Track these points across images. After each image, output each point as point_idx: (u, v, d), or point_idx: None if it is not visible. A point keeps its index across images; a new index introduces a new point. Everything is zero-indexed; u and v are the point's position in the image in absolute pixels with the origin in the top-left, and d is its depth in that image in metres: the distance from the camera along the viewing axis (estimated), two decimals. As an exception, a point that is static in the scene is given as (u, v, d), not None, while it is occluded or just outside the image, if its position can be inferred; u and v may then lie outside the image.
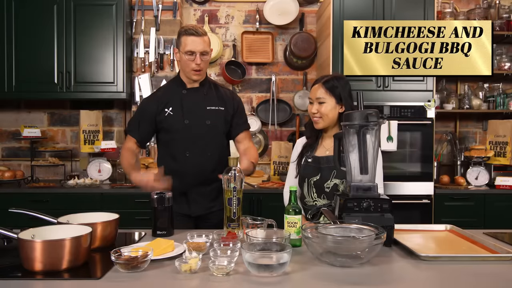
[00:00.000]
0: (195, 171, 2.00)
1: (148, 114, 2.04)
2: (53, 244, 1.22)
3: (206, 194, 2.05)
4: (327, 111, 1.90)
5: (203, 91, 2.06)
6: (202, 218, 2.07)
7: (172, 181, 1.84)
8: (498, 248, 1.41)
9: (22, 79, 3.33)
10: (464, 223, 1.95)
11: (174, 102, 2.03)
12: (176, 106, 2.02)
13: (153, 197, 1.66)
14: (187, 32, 1.95)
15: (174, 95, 2.04)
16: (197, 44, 1.93)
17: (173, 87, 2.09)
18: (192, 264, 1.21)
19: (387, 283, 1.18)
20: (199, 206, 2.05)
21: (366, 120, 1.51)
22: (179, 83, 2.07)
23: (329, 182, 1.88)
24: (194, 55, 1.94)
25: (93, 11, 3.34)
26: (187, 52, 1.94)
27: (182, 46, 1.96)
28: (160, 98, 2.05)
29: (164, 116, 2.01)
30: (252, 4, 3.78)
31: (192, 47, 1.93)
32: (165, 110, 2.01)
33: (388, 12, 3.16)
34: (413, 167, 3.23)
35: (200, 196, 2.04)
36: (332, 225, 1.42)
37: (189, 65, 1.96)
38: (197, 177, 2.01)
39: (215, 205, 2.06)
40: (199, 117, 2.02)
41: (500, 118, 3.56)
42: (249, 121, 3.66)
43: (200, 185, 2.03)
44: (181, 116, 2.01)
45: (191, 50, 1.93)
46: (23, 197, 3.16)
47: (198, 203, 2.04)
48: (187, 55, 1.94)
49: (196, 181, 2.02)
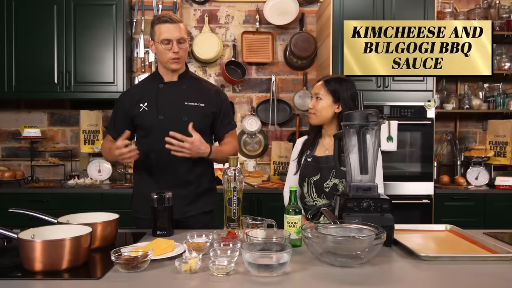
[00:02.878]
0: (170, 171, 1.89)
1: (122, 111, 1.96)
2: (53, 244, 1.21)
3: (181, 197, 1.87)
4: (321, 108, 1.91)
5: (182, 85, 1.95)
6: (179, 223, 1.83)
7: (140, 160, 1.85)
8: (498, 248, 1.41)
9: (22, 79, 3.33)
10: (464, 223, 1.95)
11: (150, 97, 1.92)
12: (151, 101, 1.91)
13: (153, 197, 1.65)
14: (161, 19, 1.85)
15: (150, 90, 1.94)
16: (172, 31, 1.83)
17: (149, 82, 2.00)
18: (192, 264, 1.21)
19: (387, 283, 1.18)
20: (175, 210, 1.75)
21: (366, 120, 1.51)
22: (157, 77, 1.97)
23: (328, 182, 1.88)
24: (171, 43, 1.84)
25: (93, 11, 3.34)
26: (163, 41, 1.84)
27: (157, 36, 1.86)
28: (134, 93, 1.97)
29: (139, 112, 1.91)
30: (252, 4, 3.78)
31: (168, 35, 1.83)
32: (140, 106, 1.91)
33: (388, 12, 3.16)
34: (413, 167, 3.23)
35: (175, 198, 1.74)
36: (332, 225, 1.42)
37: (167, 55, 1.86)
38: (172, 178, 1.89)
39: (192, 210, 1.93)
40: (175, 113, 1.90)
41: (500, 118, 3.56)
42: (249, 121, 3.74)
43: (175, 187, 1.83)
44: (156, 112, 1.90)
45: (167, 38, 1.83)
46: (23, 197, 3.16)
47: (174, 207, 1.74)
48: (163, 44, 1.84)
49: (171, 183, 1.88)
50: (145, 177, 1.96)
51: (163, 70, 1.96)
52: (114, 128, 1.99)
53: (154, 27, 1.88)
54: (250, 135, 3.79)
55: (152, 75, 2.04)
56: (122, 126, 1.93)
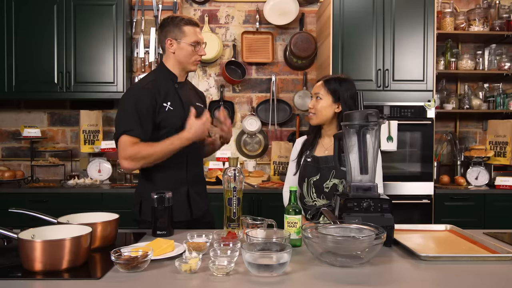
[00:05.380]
0: (195, 169, 1.97)
1: (150, 108, 1.81)
2: (53, 244, 1.22)
3: (200, 193, 2.00)
4: (321, 107, 1.91)
5: (188, 86, 2.03)
6: (200, 220, 1.97)
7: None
8: (498, 248, 1.41)
9: (22, 79, 3.33)
10: (464, 223, 1.95)
11: (171, 96, 1.89)
12: (174, 100, 1.89)
13: (153, 197, 1.65)
14: (192, 22, 1.90)
15: (168, 89, 1.90)
16: (200, 35, 1.92)
17: (165, 80, 1.92)
18: (192, 264, 1.21)
19: (387, 283, 1.18)
20: (200, 207, 1.96)
21: (366, 120, 1.51)
22: (170, 76, 1.94)
23: (328, 182, 1.88)
24: (199, 45, 1.90)
25: (93, 11, 3.34)
26: (194, 43, 1.88)
27: (185, 37, 1.88)
28: (154, 91, 1.86)
29: (164, 112, 1.85)
30: (252, 4, 3.78)
31: (199, 37, 1.90)
32: (164, 105, 1.85)
33: (388, 12, 3.16)
34: (413, 167, 3.23)
35: (198, 195, 1.97)
36: (332, 225, 1.42)
37: (193, 56, 1.90)
38: (194, 175, 1.96)
39: (206, 205, 2.04)
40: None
41: (500, 118, 3.56)
42: (249, 121, 3.75)
43: (197, 184, 1.98)
44: (182, 111, 1.89)
45: (197, 41, 1.89)
46: (23, 197, 3.16)
47: (198, 203, 1.96)
48: (191, 45, 1.88)
49: (194, 180, 1.97)
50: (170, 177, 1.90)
51: (179, 71, 1.95)
52: (141, 127, 1.79)
53: (182, 27, 1.88)
54: (250, 135, 3.79)
55: (162, 73, 1.95)
56: (149, 125, 1.82)
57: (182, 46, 1.89)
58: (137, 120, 1.78)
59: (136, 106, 1.79)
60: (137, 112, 1.78)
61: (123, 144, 1.77)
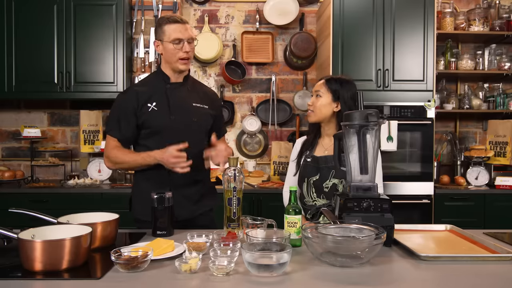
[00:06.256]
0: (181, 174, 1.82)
1: (130, 110, 1.87)
2: (53, 244, 1.21)
3: (189, 196, 1.92)
4: (320, 105, 1.91)
5: (187, 86, 1.97)
6: (189, 222, 1.90)
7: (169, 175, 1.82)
8: (498, 248, 1.41)
9: (22, 79, 3.33)
10: (464, 223, 1.95)
11: (158, 97, 1.88)
12: (161, 101, 1.88)
13: (153, 197, 1.65)
14: (170, 19, 1.86)
15: (157, 89, 1.90)
16: (183, 31, 1.85)
17: (155, 81, 1.94)
18: (192, 264, 1.21)
19: (387, 283, 1.18)
20: (185, 210, 1.89)
21: (366, 120, 1.51)
22: (162, 76, 1.94)
23: (328, 182, 1.88)
24: (181, 42, 1.85)
25: (93, 11, 3.34)
26: (174, 41, 1.84)
27: (167, 35, 1.85)
28: (140, 92, 1.89)
29: (147, 112, 1.86)
30: (252, 4, 3.78)
31: (179, 34, 1.84)
32: (148, 105, 1.86)
33: (388, 12, 3.16)
34: (413, 167, 3.23)
35: (185, 198, 1.89)
36: (332, 225, 1.42)
37: (176, 54, 1.86)
38: (181, 177, 1.84)
39: (199, 208, 1.96)
40: (185, 113, 1.90)
41: (500, 118, 3.56)
42: (249, 121, 3.75)
43: (183, 187, 1.89)
44: (167, 112, 1.87)
45: (178, 38, 1.84)
46: (23, 197, 3.16)
47: (183, 206, 1.87)
48: (174, 43, 1.84)
49: (180, 182, 1.88)
50: (152, 178, 1.90)
51: (170, 71, 1.94)
52: (119, 129, 1.89)
53: (163, 27, 1.87)
54: (250, 135, 3.79)
55: (156, 75, 1.98)
56: (127, 127, 1.88)
57: (165, 46, 1.88)
58: (117, 120, 1.90)
59: (119, 107, 1.91)
60: (118, 113, 1.90)
61: (106, 144, 1.93)
